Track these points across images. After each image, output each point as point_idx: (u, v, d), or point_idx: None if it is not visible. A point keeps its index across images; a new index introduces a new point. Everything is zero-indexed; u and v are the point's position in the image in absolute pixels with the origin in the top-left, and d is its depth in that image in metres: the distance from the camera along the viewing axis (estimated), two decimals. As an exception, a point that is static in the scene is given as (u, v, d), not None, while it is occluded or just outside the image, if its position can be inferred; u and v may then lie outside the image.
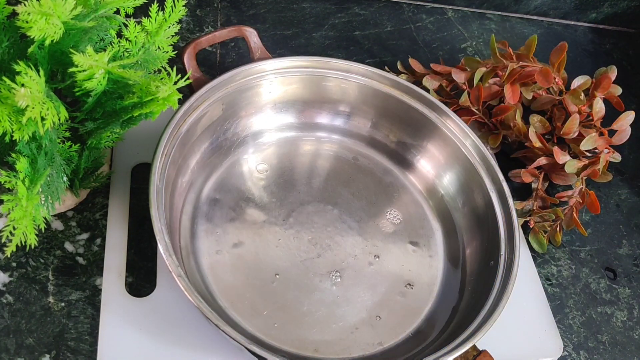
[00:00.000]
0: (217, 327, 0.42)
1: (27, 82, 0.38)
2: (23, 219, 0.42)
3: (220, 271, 0.53)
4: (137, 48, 0.52)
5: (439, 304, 0.56)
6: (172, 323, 0.50)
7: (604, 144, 0.66)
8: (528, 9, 0.90)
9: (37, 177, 0.44)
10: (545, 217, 0.64)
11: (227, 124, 0.60)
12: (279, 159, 0.63)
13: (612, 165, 0.70)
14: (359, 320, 0.53)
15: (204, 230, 0.55)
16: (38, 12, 0.39)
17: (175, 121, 0.52)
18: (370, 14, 0.85)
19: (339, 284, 0.55)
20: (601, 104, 0.66)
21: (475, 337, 0.46)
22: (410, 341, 0.53)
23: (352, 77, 0.62)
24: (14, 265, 0.52)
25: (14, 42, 0.46)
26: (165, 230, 0.46)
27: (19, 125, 0.40)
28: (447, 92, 0.70)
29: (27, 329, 0.49)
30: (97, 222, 0.56)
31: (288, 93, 0.63)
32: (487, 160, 0.59)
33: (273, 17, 0.80)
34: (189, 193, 0.57)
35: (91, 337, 0.49)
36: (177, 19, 0.52)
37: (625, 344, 0.60)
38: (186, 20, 0.77)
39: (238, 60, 0.74)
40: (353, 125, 0.66)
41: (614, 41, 0.93)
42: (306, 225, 0.58)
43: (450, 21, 0.87)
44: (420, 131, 0.63)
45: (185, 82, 0.44)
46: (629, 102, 0.69)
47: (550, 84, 0.66)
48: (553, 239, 0.65)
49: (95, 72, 0.42)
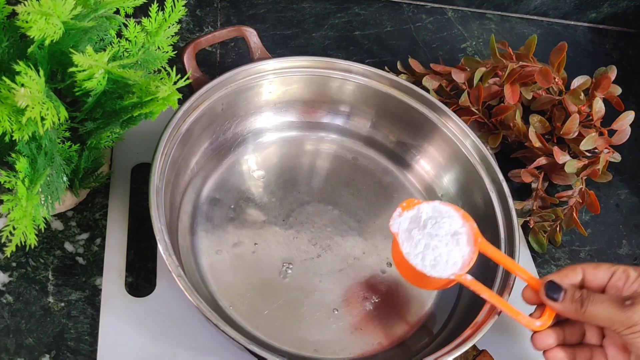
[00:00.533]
0: (217, 327, 0.42)
1: (26, 82, 0.38)
2: (23, 219, 0.42)
3: (220, 271, 0.53)
4: (137, 48, 0.52)
5: (439, 303, 0.56)
6: (172, 323, 0.50)
7: (604, 144, 0.66)
8: (528, 9, 0.91)
9: (36, 177, 0.44)
10: (545, 217, 0.64)
11: (226, 124, 0.60)
12: (279, 159, 0.63)
13: (612, 165, 0.70)
14: (359, 320, 0.53)
15: (203, 230, 0.55)
16: (38, 12, 0.39)
17: (175, 121, 0.52)
18: (370, 14, 0.85)
19: (339, 284, 0.55)
20: (601, 104, 0.66)
21: (475, 336, 0.46)
22: (410, 341, 0.53)
23: (352, 77, 0.62)
24: (14, 265, 0.52)
25: (14, 42, 0.46)
26: (165, 230, 0.46)
27: (18, 125, 0.40)
28: (447, 92, 0.70)
29: (27, 329, 0.49)
30: (97, 222, 0.56)
31: (288, 93, 0.63)
32: (487, 160, 0.59)
33: (273, 17, 0.80)
34: (189, 193, 0.57)
35: (91, 337, 0.49)
36: (177, 19, 0.52)
37: (625, 344, 0.60)
38: (186, 20, 0.77)
39: (238, 60, 0.74)
40: (353, 125, 0.66)
41: (614, 41, 0.93)
42: (306, 225, 0.58)
43: (450, 21, 0.87)
44: (420, 131, 0.63)
45: (185, 82, 0.44)
46: (628, 102, 0.69)
47: (550, 84, 0.66)
48: (553, 239, 0.65)
49: (95, 72, 0.42)
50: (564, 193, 0.65)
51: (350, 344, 0.52)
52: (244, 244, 0.56)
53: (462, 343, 0.46)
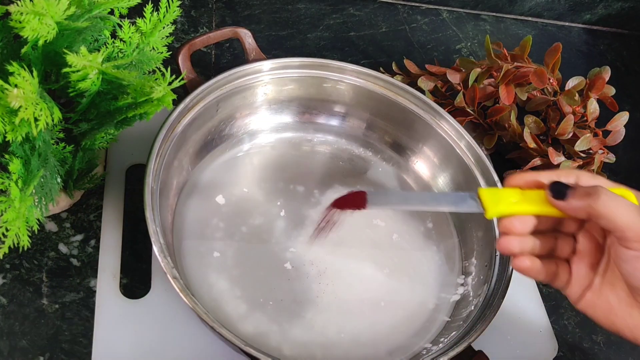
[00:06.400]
0: (212, 329, 0.42)
1: (20, 83, 0.38)
2: (16, 221, 0.42)
3: (216, 272, 0.53)
4: (132, 49, 0.52)
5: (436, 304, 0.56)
6: (167, 325, 0.50)
7: (598, 145, 0.66)
8: (522, 10, 0.91)
9: (30, 179, 0.44)
10: (540, 218, 0.64)
11: (222, 125, 0.60)
12: (274, 160, 0.63)
13: (607, 166, 0.70)
14: (358, 322, 0.53)
15: (199, 232, 0.55)
16: (31, 12, 0.39)
17: (170, 122, 0.52)
18: (365, 15, 0.85)
19: (338, 285, 0.55)
20: (595, 105, 0.67)
21: (470, 337, 0.46)
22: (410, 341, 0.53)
23: (347, 78, 0.62)
24: (8, 267, 0.52)
25: (8, 42, 0.46)
26: (160, 231, 0.46)
27: (12, 126, 0.40)
28: (442, 93, 0.70)
29: (20, 331, 0.49)
30: (92, 224, 0.56)
31: (283, 94, 0.63)
32: (482, 161, 0.59)
33: (268, 18, 0.80)
34: (184, 194, 0.57)
35: (85, 339, 0.49)
36: (172, 19, 0.52)
37: (620, 344, 0.60)
38: (181, 21, 0.76)
39: (233, 61, 0.73)
40: (348, 126, 0.66)
41: (608, 42, 0.93)
42: (302, 226, 0.58)
43: (445, 22, 0.87)
44: (415, 132, 0.63)
45: (180, 83, 0.44)
46: (622, 102, 0.69)
47: (545, 84, 0.66)
48: (548, 239, 0.65)
49: (89, 72, 0.42)
50: (558, 194, 0.65)
51: (350, 345, 0.52)
52: (239, 245, 0.55)
53: (457, 344, 0.46)
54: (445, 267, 0.59)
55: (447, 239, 0.60)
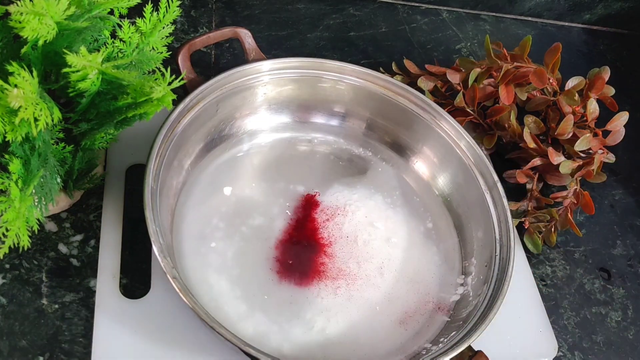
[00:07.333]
0: (212, 329, 0.42)
1: (20, 83, 0.38)
2: (16, 221, 0.42)
3: (215, 272, 0.53)
4: (131, 49, 0.52)
5: (436, 304, 0.56)
6: (167, 325, 0.49)
7: (598, 145, 0.66)
8: (522, 10, 0.91)
9: (30, 179, 0.44)
10: (540, 218, 0.64)
11: (221, 125, 0.60)
12: (274, 159, 0.63)
13: (606, 166, 0.70)
14: (358, 322, 0.53)
15: (198, 231, 0.55)
16: (31, 12, 0.39)
17: (170, 122, 0.52)
18: (365, 15, 0.85)
19: (338, 286, 0.55)
20: (595, 105, 0.67)
21: (470, 337, 0.46)
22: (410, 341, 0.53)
23: (346, 78, 0.62)
24: (7, 267, 0.52)
25: (7, 42, 0.46)
26: (160, 231, 0.46)
27: (12, 126, 0.40)
28: (442, 93, 0.70)
29: (20, 331, 0.49)
30: (91, 224, 0.56)
31: (283, 94, 0.63)
32: (482, 161, 0.59)
33: (268, 18, 0.80)
34: (183, 194, 0.57)
35: (85, 339, 0.49)
36: (172, 19, 0.52)
37: (620, 344, 0.60)
38: (180, 21, 0.76)
39: (233, 61, 0.73)
40: (348, 126, 0.66)
41: (608, 42, 0.93)
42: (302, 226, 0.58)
43: (444, 22, 0.87)
44: (415, 132, 0.63)
45: (180, 83, 0.44)
46: (622, 102, 0.69)
47: (545, 84, 0.66)
48: (548, 239, 0.65)
49: (88, 72, 0.42)
50: (558, 194, 0.65)
51: (349, 346, 0.52)
52: (239, 245, 0.55)
53: (457, 344, 0.46)
54: (445, 267, 0.59)
55: (447, 239, 0.60)
